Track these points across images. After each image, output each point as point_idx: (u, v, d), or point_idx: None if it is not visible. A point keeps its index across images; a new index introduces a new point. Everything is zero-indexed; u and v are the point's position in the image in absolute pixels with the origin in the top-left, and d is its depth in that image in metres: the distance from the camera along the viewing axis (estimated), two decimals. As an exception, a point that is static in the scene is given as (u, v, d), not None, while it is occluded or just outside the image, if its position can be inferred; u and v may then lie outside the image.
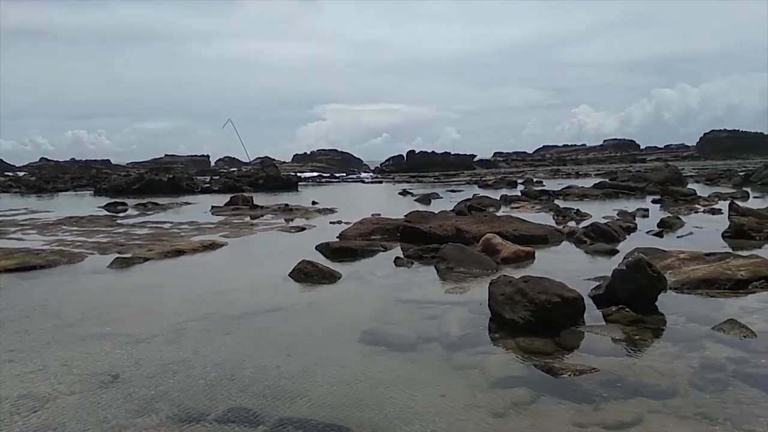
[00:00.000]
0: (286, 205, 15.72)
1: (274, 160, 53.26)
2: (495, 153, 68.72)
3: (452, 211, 12.21)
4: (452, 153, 53.18)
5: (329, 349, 4.11)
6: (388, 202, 19.27)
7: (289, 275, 6.46)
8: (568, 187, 19.57)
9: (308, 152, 69.74)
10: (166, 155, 68.40)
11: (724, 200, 13.72)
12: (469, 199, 15.53)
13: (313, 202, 16.99)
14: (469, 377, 3.52)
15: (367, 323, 4.66)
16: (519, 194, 18.12)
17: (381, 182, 35.98)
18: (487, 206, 14.11)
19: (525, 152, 72.79)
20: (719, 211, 11.87)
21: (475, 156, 55.95)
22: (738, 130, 69.88)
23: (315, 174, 48.50)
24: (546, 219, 11.45)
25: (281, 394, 3.29)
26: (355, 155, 68.36)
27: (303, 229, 11.21)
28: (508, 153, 70.38)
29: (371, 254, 8.05)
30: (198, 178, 33.85)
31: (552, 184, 23.74)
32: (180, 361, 3.87)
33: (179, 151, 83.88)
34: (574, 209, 12.63)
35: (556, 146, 76.49)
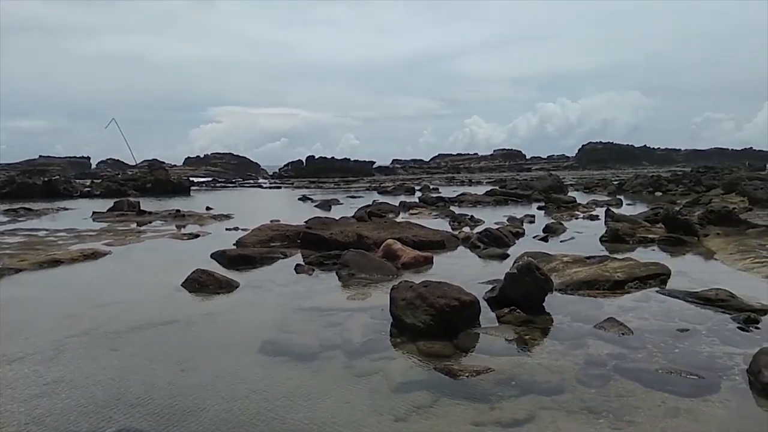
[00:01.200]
0: (178, 210, 14.95)
1: (163, 163, 50.44)
2: (393, 160, 70.19)
3: (353, 217, 12.24)
4: (352, 159, 53.63)
5: (226, 361, 3.92)
6: (288, 208, 18.97)
7: (182, 285, 6.12)
8: (462, 194, 20.35)
9: (202, 155, 66.86)
10: (40, 156, 62.62)
11: (601, 207, 14.95)
12: (369, 205, 15.67)
13: (208, 208, 16.32)
14: (372, 383, 3.51)
15: (267, 333, 4.52)
16: (417, 201, 18.60)
17: (280, 188, 35.37)
18: (386, 212, 14.30)
19: (422, 160, 74.97)
20: (597, 217, 12.89)
21: (375, 162, 56.76)
22: (612, 143, 76.71)
23: (209, 178, 46.71)
24: (443, 225, 11.81)
25: (173, 412, 3.09)
26: (252, 159, 66.64)
27: (197, 236, 10.70)
28: (406, 160, 72.14)
29: (270, 262, 7.85)
30: (77, 181, 31.45)
31: (448, 191, 24.60)
32: (59, 381, 3.53)
33: (56, 152, 78.07)
34: (468, 215, 13.15)
35: (451, 155, 79.45)
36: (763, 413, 3.03)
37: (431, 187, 30.10)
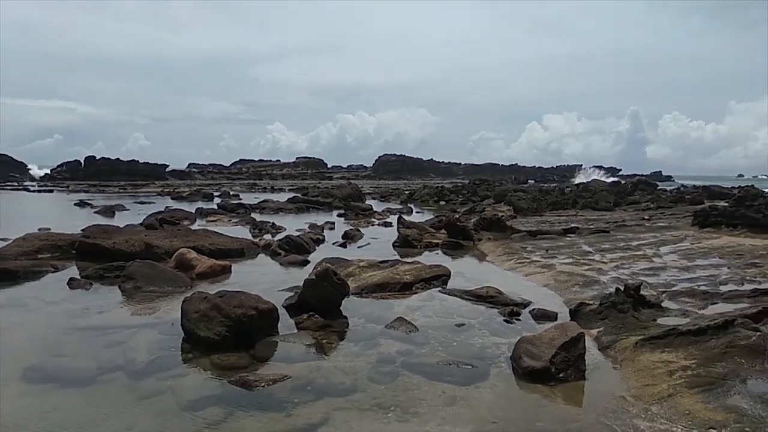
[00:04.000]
0: None
1: None
2: (190, 164, 66.46)
3: (141, 224, 11.26)
4: (141, 161, 49.22)
5: (-27, 397, 3.29)
6: (61, 214, 16.72)
7: None
8: (264, 201, 20.09)
9: (-52, 152, 55.39)
10: None
11: (394, 215, 15.98)
12: (160, 212, 14.58)
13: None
14: (160, 404, 3.25)
15: (33, 358, 3.91)
16: (216, 207, 17.82)
17: (52, 191, 30.98)
18: (181, 219, 13.45)
19: (222, 165, 72.26)
20: (390, 224, 13.76)
21: (168, 166, 52.96)
22: (404, 155, 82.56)
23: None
24: (243, 232, 11.52)
25: None
26: (16, 158, 56.99)
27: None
28: (204, 164, 68.83)
29: (38, 276, 6.82)
30: None
31: (249, 198, 24.06)
32: None
33: None
34: (270, 222, 13.01)
35: (253, 161, 77.99)
36: (523, 394, 3.51)
37: (231, 193, 29.16)
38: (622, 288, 5.11)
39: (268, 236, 11.08)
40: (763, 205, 11.78)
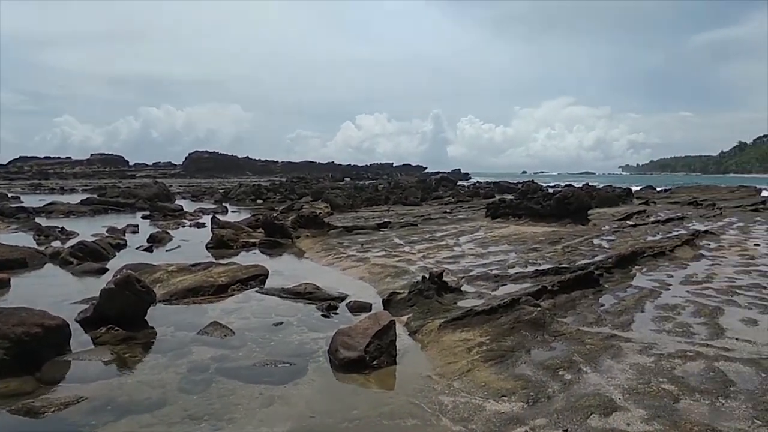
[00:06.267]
0: None
1: None
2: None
3: None
4: None
5: None
6: None
7: None
8: (51, 203, 17.69)
9: None
10: None
11: (208, 215, 15.24)
12: None
13: None
14: None
15: None
16: (-12, 212, 15.19)
17: None
18: (-60, 228, 11.23)
19: (-2, 162, 62.06)
20: (204, 225, 13.09)
21: None
22: (218, 153, 79.34)
23: None
24: (25, 239, 10.03)
25: None
26: None
27: None
28: (-29, 163, 58.41)
29: None
30: None
31: (32, 200, 21.03)
32: None
33: None
34: (58, 228, 11.49)
35: (37, 158, 68.54)
36: (340, 385, 3.59)
37: (10, 195, 25.15)
38: (427, 276, 5.52)
39: (56, 243, 9.79)
40: (542, 197, 13.67)
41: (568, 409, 3.02)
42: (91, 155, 73.05)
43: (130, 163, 74.31)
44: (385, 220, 12.90)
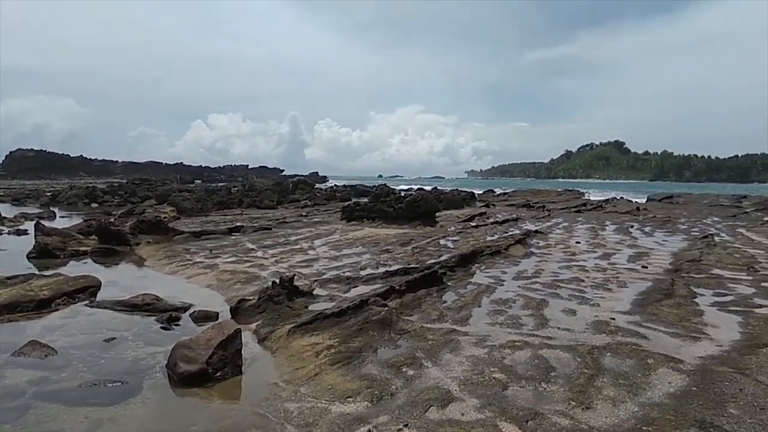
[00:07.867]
0: None
1: None
2: None
3: None
4: None
5: None
6: None
7: None
8: None
9: None
10: None
11: (31, 221, 13.56)
12: None
13: None
14: None
15: None
16: None
17: None
18: None
19: None
20: (26, 232, 11.62)
21: None
22: (46, 151, 71.13)
23: None
24: None
25: None
26: None
27: None
28: None
29: None
30: None
31: None
32: None
33: None
34: None
35: None
36: (179, 401, 3.37)
37: None
38: (278, 281, 5.42)
39: None
40: (394, 200, 14.18)
41: (409, 404, 3.14)
42: None
43: (-68, 162, 63.78)
44: (238, 224, 12.50)
